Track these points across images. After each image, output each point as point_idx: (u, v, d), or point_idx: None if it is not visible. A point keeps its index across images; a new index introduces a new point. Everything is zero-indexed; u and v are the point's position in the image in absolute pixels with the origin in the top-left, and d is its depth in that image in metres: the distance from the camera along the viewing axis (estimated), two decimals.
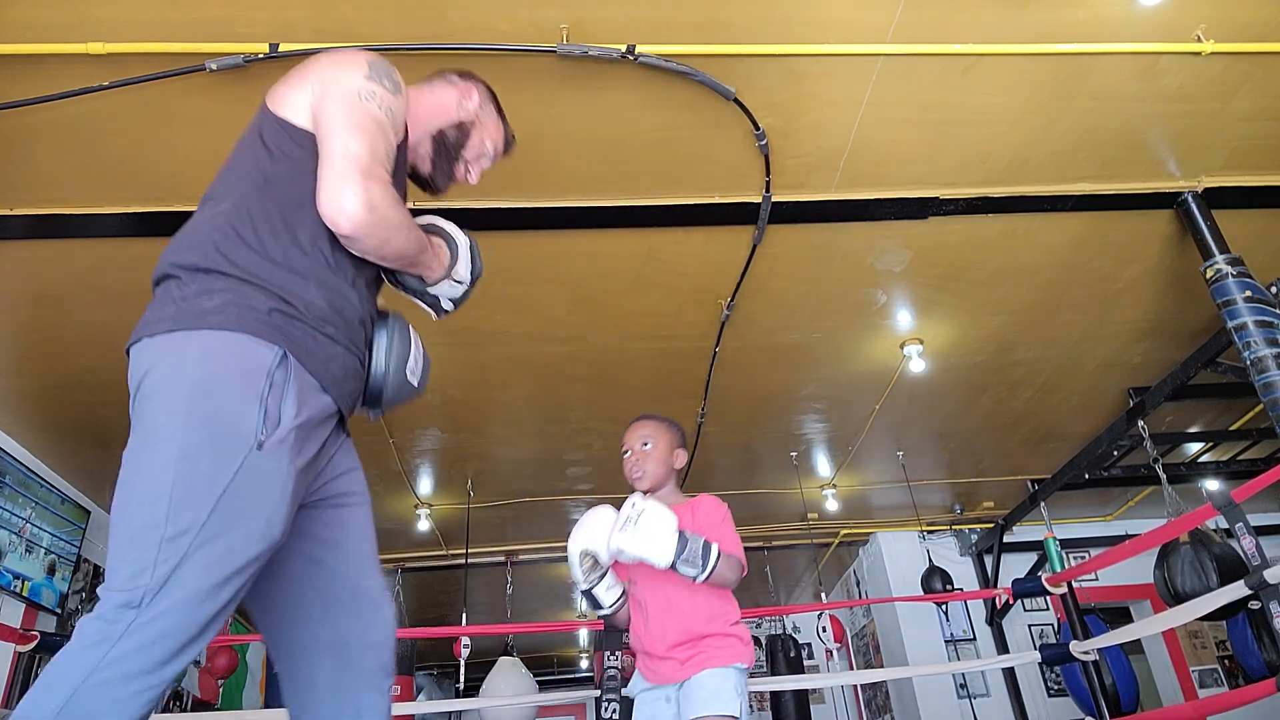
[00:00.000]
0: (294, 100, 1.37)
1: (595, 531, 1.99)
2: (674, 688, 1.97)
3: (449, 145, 1.60)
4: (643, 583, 2.06)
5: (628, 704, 3.46)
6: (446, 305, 1.55)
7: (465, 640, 5.51)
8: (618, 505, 1.97)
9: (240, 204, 1.29)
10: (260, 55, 2.45)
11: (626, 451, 2.17)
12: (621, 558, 1.92)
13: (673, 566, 1.86)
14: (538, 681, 5.52)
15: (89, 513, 5.04)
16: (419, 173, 1.59)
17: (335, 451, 1.34)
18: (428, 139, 1.58)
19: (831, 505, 6.26)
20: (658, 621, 1.99)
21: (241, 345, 1.16)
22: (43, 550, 4.55)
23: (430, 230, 1.52)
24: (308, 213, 1.28)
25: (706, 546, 1.88)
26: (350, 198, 1.23)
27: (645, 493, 2.09)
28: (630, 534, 1.88)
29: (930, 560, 6.12)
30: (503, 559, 6.72)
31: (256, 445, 1.11)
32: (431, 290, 1.51)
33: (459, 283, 1.54)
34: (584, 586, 2.07)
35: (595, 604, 2.10)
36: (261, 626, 1.31)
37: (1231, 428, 5.40)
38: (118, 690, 0.96)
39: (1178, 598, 3.82)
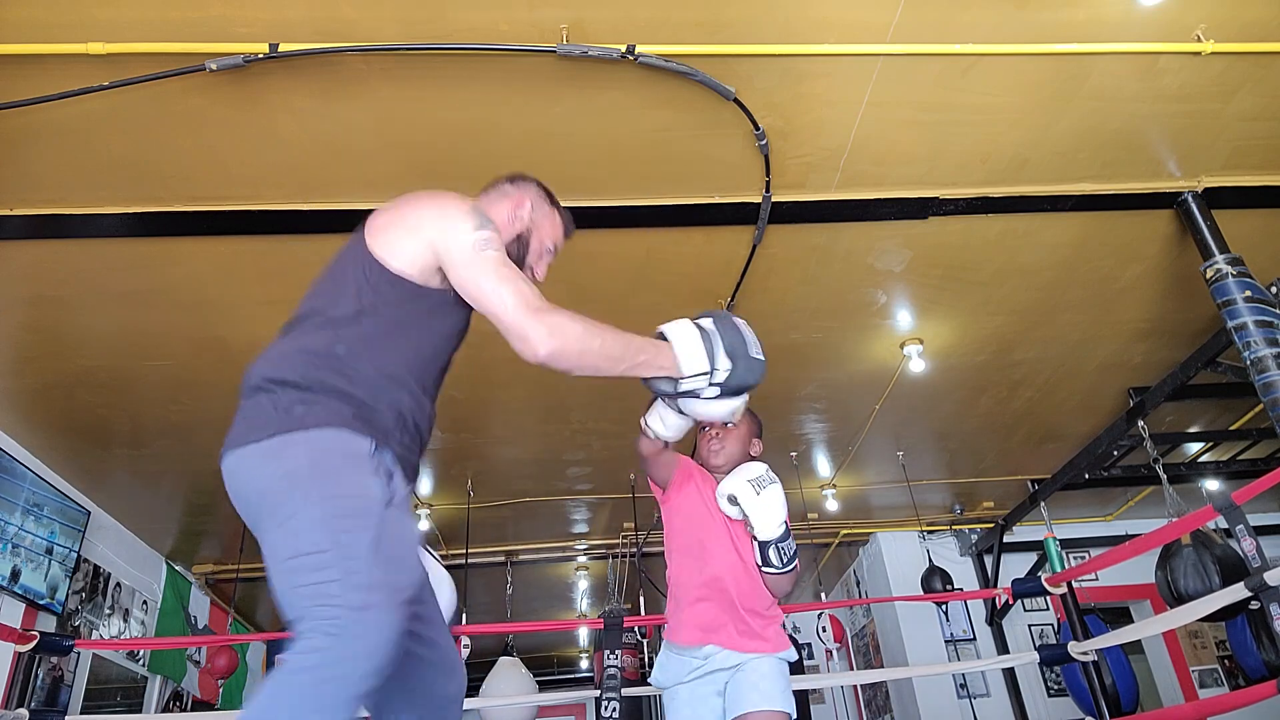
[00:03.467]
0: (398, 247, 1.52)
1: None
2: (724, 676, 1.93)
3: (513, 258, 1.67)
4: (706, 526, 2.04)
5: (628, 704, 3.46)
6: (713, 389, 1.63)
7: (465, 640, 5.51)
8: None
9: (333, 330, 1.47)
10: (260, 55, 2.45)
11: (706, 427, 2.13)
12: (727, 508, 2.00)
13: (765, 545, 1.95)
14: (538, 681, 5.52)
15: (89, 513, 5.04)
16: None
17: None
18: None
19: (831, 505, 6.25)
20: (725, 575, 1.99)
21: (341, 437, 1.36)
22: (45, 553, 4.56)
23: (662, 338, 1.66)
24: (391, 343, 1.48)
25: (795, 556, 1.99)
26: (535, 335, 1.42)
27: (716, 470, 2.11)
28: (756, 493, 1.94)
29: (930, 560, 6.12)
30: (503, 559, 6.72)
31: (385, 504, 1.33)
32: (685, 387, 1.62)
33: (697, 365, 1.60)
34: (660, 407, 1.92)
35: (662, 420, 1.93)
36: None
37: (1232, 428, 5.39)
38: (332, 696, 1.14)
39: (1180, 599, 3.82)
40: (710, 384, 1.63)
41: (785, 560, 1.97)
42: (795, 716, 1.89)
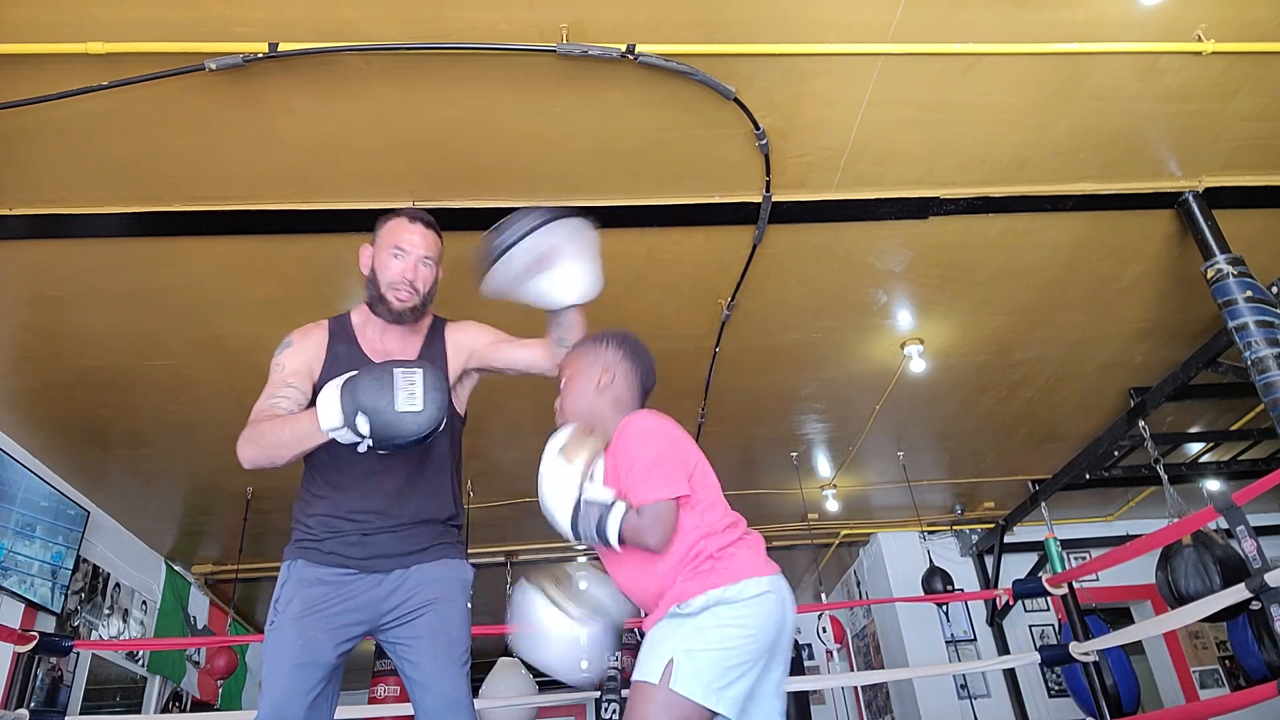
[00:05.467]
0: None
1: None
2: None
3: (372, 300, 1.90)
4: None
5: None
6: (363, 447, 1.64)
7: None
8: None
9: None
10: (259, 55, 2.45)
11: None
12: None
13: (579, 538, 1.51)
14: (537, 682, 5.51)
15: (88, 513, 5.03)
16: (393, 323, 1.92)
17: (401, 581, 1.79)
18: (366, 311, 1.93)
19: (832, 505, 6.25)
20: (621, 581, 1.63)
21: (281, 570, 1.81)
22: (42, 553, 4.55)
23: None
24: (306, 465, 1.85)
25: (605, 515, 1.48)
26: (238, 450, 1.74)
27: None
28: (542, 502, 1.53)
29: (931, 561, 6.12)
30: (503, 559, 6.71)
31: (270, 624, 1.74)
32: (343, 440, 1.64)
33: (337, 429, 1.61)
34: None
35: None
36: None
37: (1232, 428, 5.39)
38: None
39: (1180, 599, 3.82)
40: (359, 436, 1.58)
41: (599, 535, 1.49)
42: (664, 678, 1.41)
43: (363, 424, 1.56)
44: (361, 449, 1.65)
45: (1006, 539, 6.42)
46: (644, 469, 1.51)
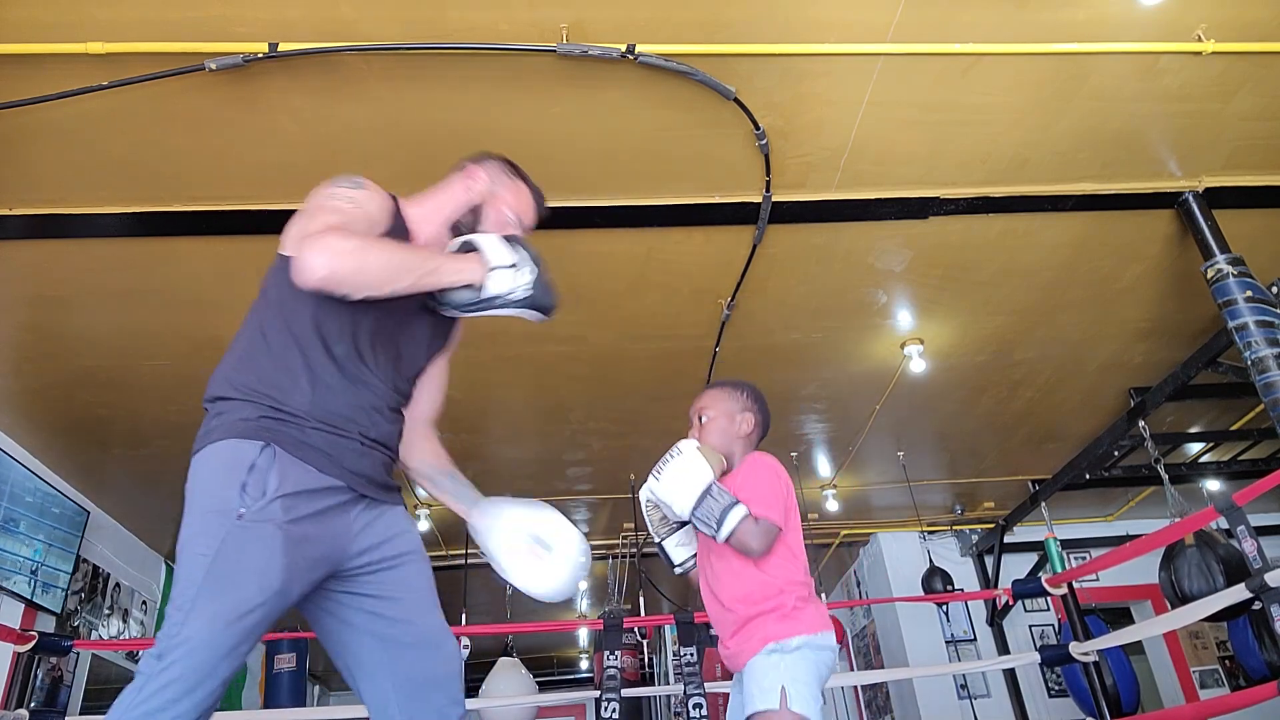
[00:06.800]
0: (287, 235, 1.53)
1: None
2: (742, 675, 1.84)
3: (465, 230, 1.69)
4: (701, 549, 1.95)
5: (627, 704, 3.46)
6: (520, 294, 1.54)
7: (465, 640, 5.50)
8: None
9: (248, 340, 1.49)
10: (259, 55, 2.45)
11: (690, 426, 2.07)
12: (652, 514, 1.94)
13: (693, 518, 1.80)
14: (537, 682, 5.52)
15: (88, 513, 5.04)
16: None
17: (370, 520, 1.47)
18: (445, 232, 1.69)
19: (832, 505, 6.25)
20: (708, 595, 1.88)
21: (231, 447, 1.36)
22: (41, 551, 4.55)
23: (464, 249, 1.59)
24: (294, 332, 1.46)
25: (729, 509, 1.76)
26: (306, 260, 1.35)
27: None
28: (657, 477, 1.84)
29: (931, 561, 6.12)
30: None
31: (236, 517, 1.29)
32: (489, 295, 1.52)
33: (505, 267, 1.53)
34: (656, 539, 1.98)
35: (667, 559, 1.99)
36: (345, 675, 1.50)
37: (1232, 428, 5.39)
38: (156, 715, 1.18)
39: (1184, 599, 3.82)
40: (517, 284, 1.53)
41: (716, 524, 1.76)
42: (783, 703, 1.66)
43: (525, 273, 1.53)
44: (501, 292, 1.50)
45: (1006, 539, 6.41)
46: (767, 495, 1.86)
